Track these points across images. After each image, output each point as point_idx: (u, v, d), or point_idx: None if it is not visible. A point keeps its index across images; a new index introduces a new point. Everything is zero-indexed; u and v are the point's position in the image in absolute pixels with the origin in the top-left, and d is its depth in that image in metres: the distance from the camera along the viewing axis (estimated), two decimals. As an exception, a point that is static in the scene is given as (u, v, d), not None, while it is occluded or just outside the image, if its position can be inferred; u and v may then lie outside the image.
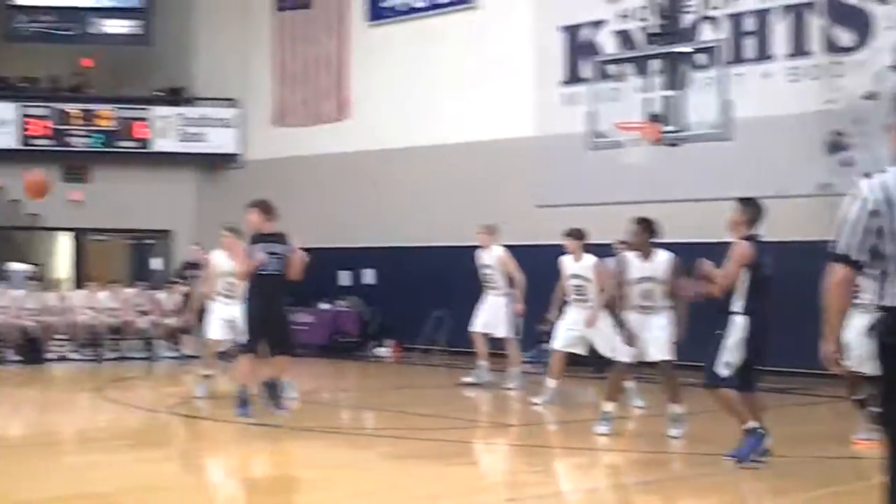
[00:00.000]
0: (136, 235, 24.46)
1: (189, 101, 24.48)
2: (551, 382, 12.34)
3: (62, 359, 17.99)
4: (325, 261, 21.65)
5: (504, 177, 19.45)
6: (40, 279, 19.97)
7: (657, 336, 9.87)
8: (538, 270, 13.58)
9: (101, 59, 26.17)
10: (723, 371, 8.32)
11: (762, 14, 16.84)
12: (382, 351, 19.48)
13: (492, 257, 14.22)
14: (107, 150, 23.74)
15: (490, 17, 20.29)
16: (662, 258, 9.97)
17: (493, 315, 14.17)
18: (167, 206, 23.84)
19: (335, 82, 22.68)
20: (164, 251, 24.18)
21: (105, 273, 21.38)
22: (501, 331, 14.15)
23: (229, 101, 24.15)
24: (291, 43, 23.36)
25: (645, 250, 9.94)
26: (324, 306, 20.73)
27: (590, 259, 12.57)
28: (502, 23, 20.06)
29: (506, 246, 14.58)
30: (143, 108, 24.03)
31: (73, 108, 23.92)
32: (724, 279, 8.30)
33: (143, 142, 23.85)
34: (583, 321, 12.24)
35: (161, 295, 19.32)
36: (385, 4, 21.88)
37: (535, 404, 12.30)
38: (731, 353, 8.30)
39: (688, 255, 9.73)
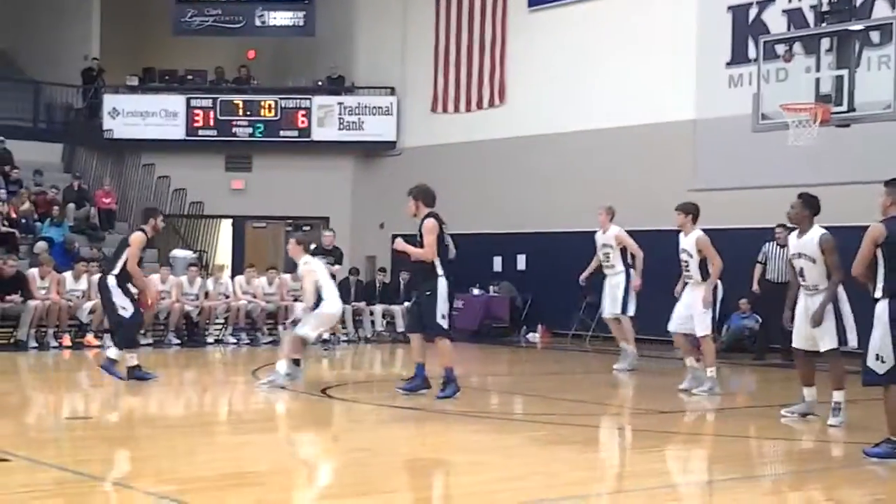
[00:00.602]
0: (294, 222, 24.81)
1: (349, 91, 24.71)
2: (689, 363, 12.11)
3: (220, 342, 18.36)
4: (479, 246, 21.65)
5: (663, 160, 19.07)
6: (202, 265, 20.40)
7: (801, 320, 9.58)
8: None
9: (264, 51, 26.70)
10: (875, 364, 7.79)
11: (941, -12, 15.98)
12: (533, 336, 19.31)
13: (610, 237, 14.39)
14: (268, 139, 24.17)
15: (654, -2, 19.89)
16: (814, 235, 9.59)
17: (612, 296, 14.40)
18: (324, 193, 24.14)
19: (493, 68, 22.56)
20: (321, 238, 24.43)
21: (263, 259, 21.75)
22: (616, 308, 14.33)
23: (388, 90, 24.27)
24: (451, 30, 23.33)
25: (802, 226, 9.66)
26: (476, 291, 20.66)
27: (694, 234, 12.03)
28: (666, 4, 19.63)
29: (661, 231, 14.26)
30: (304, 98, 24.36)
31: (236, 99, 24.43)
32: (856, 264, 7.92)
33: (304, 131, 24.18)
34: (692, 300, 11.95)
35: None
36: (547, -11, 21.71)
37: (683, 391, 11.99)
38: (878, 343, 7.78)
39: (858, 239, 9.24)
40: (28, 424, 10.08)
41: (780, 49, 15.95)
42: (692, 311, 11.90)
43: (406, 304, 19.84)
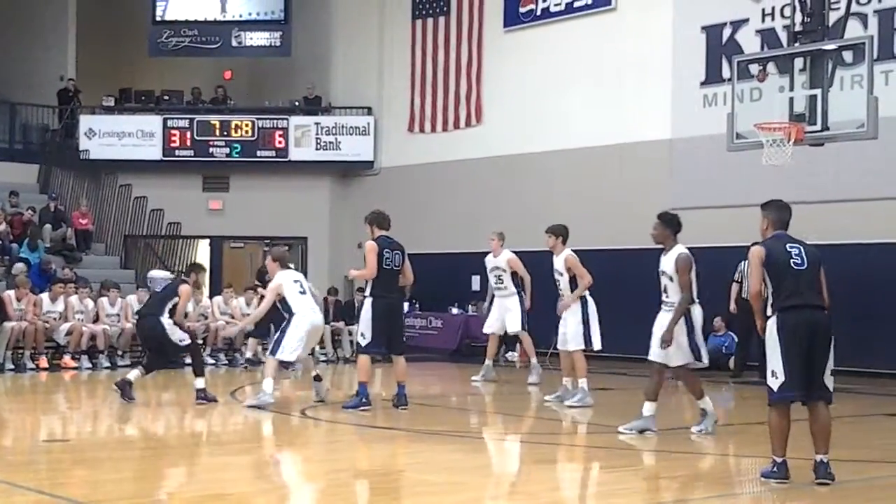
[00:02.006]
0: (272, 242, 24.73)
1: (326, 111, 24.74)
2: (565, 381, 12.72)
3: (199, 363, 18.24)
4: (457, 265, 21.69)
5: (639, 179, 19.16)
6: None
7: (656, 335, 10.04)
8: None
9: (240, 71, 26.71)
10: (771, 381, 7.70)
11: (912, 9, 16.17)
12: (512, 355, 19.33)
13: (502, 261, 15.13)
14: (245, 159, 24.15)
15: (629, 18, 20.05)
16: (673, 253, 10.05)
17: (504, 314, 15.03)
18: (302, 213, 24.14)
19: (469, 88, 22.65)
20: (299, 258, 24.45)
21: (241, 279, 21.70)
22: (513, 327, 15.10)
23: (365, 110, 24.32)
24: (427, 50, 23.42)
25: (666, 244, 10.10)
26: (455, 311, 20.67)
27: (563, 254, 12.75)
28: (641, 24, 19.77)
29: (638, 250, 14.36)
30: (282, 118, 24.37)
31: (213, 119, 24.41)
32: (751, 286, 7.92)
33: (281, 151, 24.18)
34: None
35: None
36: (523, 10, 21.80)
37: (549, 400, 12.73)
38: (770, 358, 7.72)
39: (832, 257, 9.34)
40: (5, 447, 10.01)
41: (754, 69, 16.07)
42: (566, 329, 12.55)
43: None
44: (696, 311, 10.04)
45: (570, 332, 12.54)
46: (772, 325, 7.74)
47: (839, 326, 8.77)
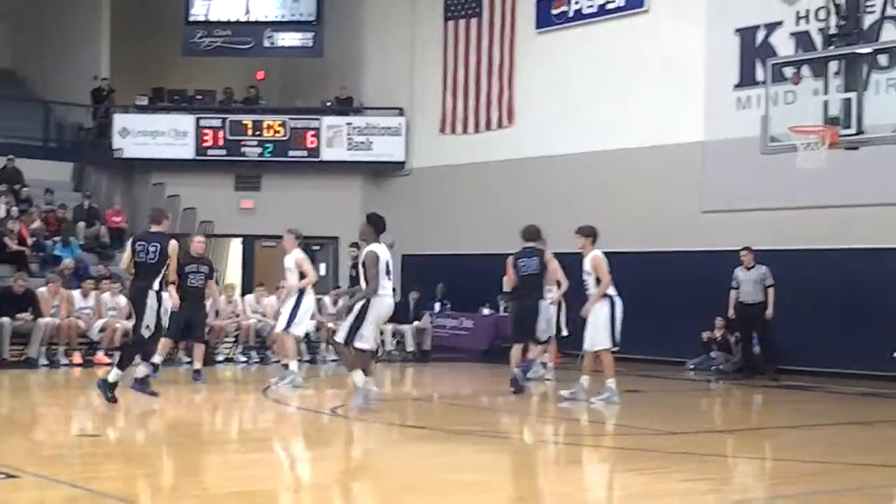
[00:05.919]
0: (304, 241, 24.77)
1: (358, 111, 24.79)
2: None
3: (230, 360, 18.39)
4: (489, 266, 21.63)
5: (671, 182, 19.09)
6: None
7: None
8: (703, 276, 13.15)
9: (272, 71, 26.80)
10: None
11: (949, 12, 16.04)
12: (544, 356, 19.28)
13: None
14: (277, 159, 24.23)
15: (662, 20, 19.98)
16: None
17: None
18: (334, 212, 24.16)
19: (501, 89, 22.65)
20: (330, 257, 24.52)
21: (273, 278, 21.75)
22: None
23: (397, 110, 24.35)
24: (459, 51, 23.43)
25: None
26: (486, 311, 20.65)
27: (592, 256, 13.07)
28: (674, 27, 19.71)
29: (669, 252, 14.31)
30: (314, 118, 24.43)
31: (245, 119, 24.50)
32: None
33: (313, 151, 24.25)
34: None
35: (326, 299, 19.57)
36: (555, 11, 21.77)
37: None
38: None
39: (863, 259, 9.25)
40: (38, 442, 10.11)
41: (788, 72, 16.01)
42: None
43: (416, 322, 19.92)
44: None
45: (597, 332, 12.75)
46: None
47: (856, 328, 8.70)
